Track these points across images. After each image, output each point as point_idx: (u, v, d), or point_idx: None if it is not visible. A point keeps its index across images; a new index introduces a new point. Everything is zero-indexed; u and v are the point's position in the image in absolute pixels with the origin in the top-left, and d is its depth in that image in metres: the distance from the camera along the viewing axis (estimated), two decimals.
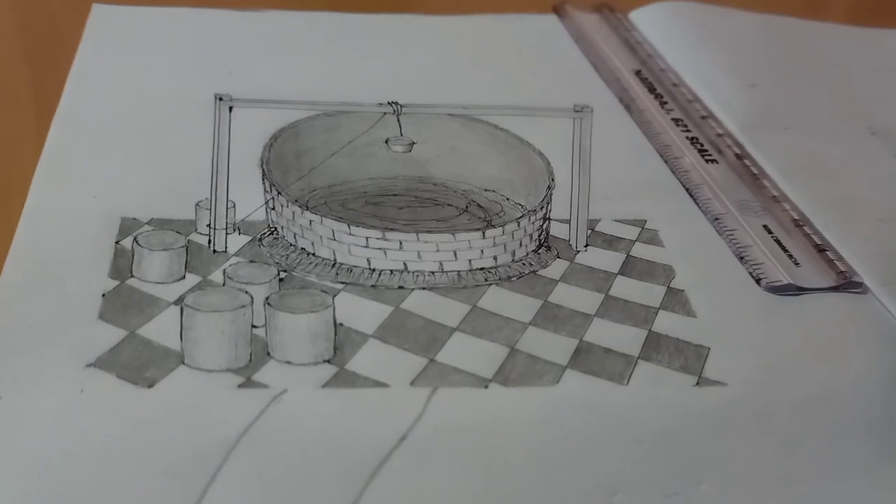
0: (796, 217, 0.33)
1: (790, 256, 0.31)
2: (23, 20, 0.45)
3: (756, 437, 0.24)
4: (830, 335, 0.28)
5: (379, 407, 0.24)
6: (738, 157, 0.36)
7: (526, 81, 0.41)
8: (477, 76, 0.41)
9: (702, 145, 0.37)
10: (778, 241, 0.31)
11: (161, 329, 0.25)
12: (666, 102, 0.40)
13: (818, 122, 0.39)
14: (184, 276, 0.27)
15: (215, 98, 0.31)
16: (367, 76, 0.40)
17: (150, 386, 0.23)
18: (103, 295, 0.26)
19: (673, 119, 0.39)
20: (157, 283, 0.27)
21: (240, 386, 0.24)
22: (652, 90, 0.41)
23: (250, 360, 0.25)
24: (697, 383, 0.25)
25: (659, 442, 0.23)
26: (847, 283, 0.30)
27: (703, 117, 0.39)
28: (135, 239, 0.28)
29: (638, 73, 0.42)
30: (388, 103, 0.33)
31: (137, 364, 0.24)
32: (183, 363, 0.24)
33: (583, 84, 0.41)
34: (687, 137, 0.37)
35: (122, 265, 0.27)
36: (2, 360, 0.24)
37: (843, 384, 0.26)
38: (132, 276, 0.27)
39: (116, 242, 0.28)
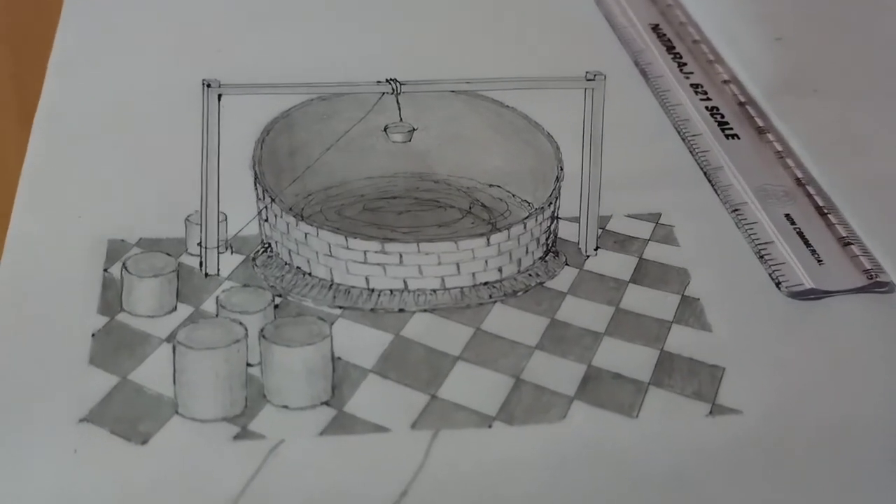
0: (821, 204, 0.31)
1: (813, 252, 0.29)
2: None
3: (773, 472, 0.23)
4: (855, 345, 0.26)
5: (379, 456, 0.23)
6: (761, 130, 0.34)
7: (535, 41, 0.39)
8: (483, 35, 0.39)
9: (722, 116, 0.35)
10: (800, 234, 0.30)
11: (153, 372, 0.24)
12: (685, 64, 0.37)
13: (853, 84, 0.36)
14: (175, 308, 0.26)
15: (203, 84, 0.29)
16: (363, 47, 0.38)
17: (144, 442, 0.23)
18: (93, 335, 0.25)
19: (692, 85, 0.36)
20: (148, 316, 0.26)
21: (235, 437, 0.23)
22: (670, 49, 0.38)
23: (246, 406, 0.24)
24: (710, 412, 0.24)
25: (669, 482, 0.23)
26: (873, 284, 0.28)
27: (724, 82, 0.36)
28: (123, 265, 0.27)
29: (656, 27, 0.39)
30: (387, 81, 0.31)
31: (131, 416, 0.23)
32: (177, 412, 0.23)
33: (596, 44, 0.39)
34: (706, 108, 0.35)
35: (111, 298, 0.26)
36: None
37: (868, 405, 0.25)
38: (122, 309, 0.26)
39: (105, 270, 0.27)
